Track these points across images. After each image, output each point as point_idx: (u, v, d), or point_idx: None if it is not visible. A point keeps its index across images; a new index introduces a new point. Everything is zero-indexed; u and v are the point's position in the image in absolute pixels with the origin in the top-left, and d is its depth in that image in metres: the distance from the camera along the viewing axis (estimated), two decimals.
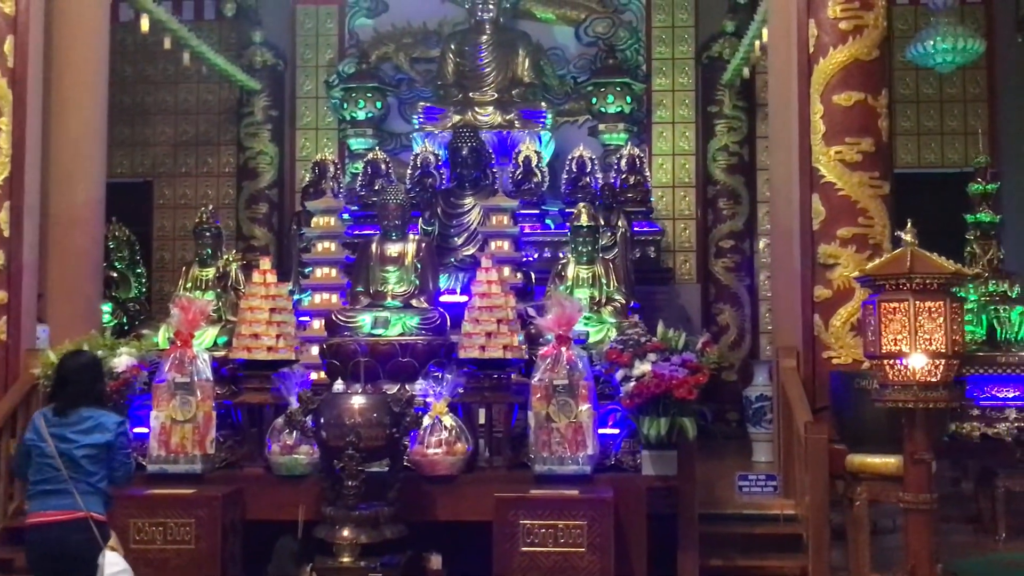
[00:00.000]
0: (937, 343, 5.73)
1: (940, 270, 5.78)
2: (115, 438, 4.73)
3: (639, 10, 12.65)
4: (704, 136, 12.20)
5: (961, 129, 12.20)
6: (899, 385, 5.32)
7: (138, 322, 10.36)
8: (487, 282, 6.79)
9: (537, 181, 10.61)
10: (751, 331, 11.89)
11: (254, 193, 12.48)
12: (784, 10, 7.69)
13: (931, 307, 5.69)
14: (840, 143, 7.11)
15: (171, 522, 6.04)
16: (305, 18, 12.95)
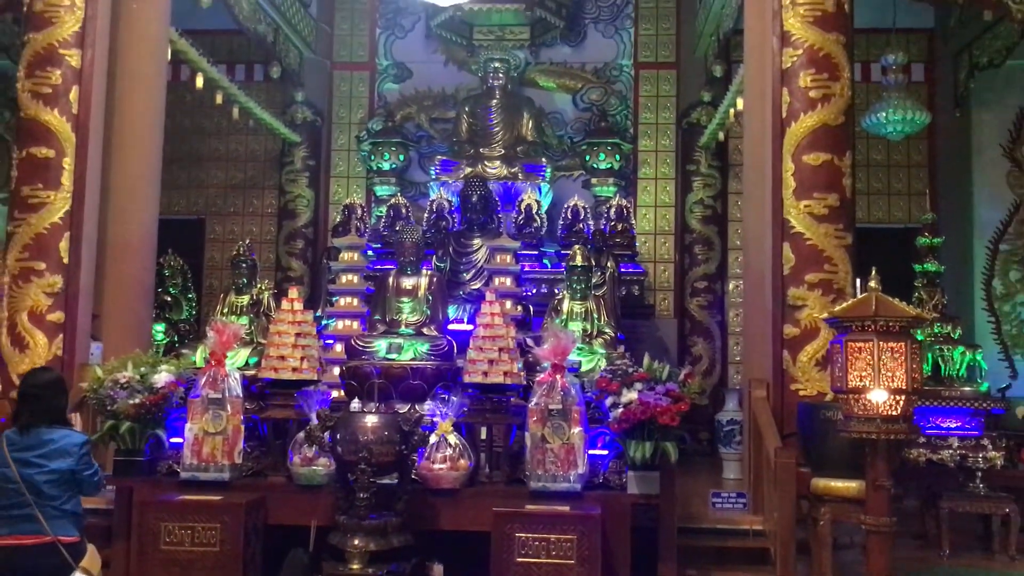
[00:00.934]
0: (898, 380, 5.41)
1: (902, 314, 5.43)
2: (77, 463, 4.20)
3: (628, 81, 12.46)
4: (683, 191, 11.98)
5: (905, 190, 11.95)
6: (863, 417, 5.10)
7: (187, 341, 10.11)
8: (491, 314, 6.46)
9: (537, 226, 10.40)
10: (721, 361, 11.59)
11: (292, 231, 12.22)
12: (759, 80, 7.36)
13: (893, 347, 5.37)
14: (809, 198, 6.80)
15: (199, 526, 5.59)
16: (340, 82, 12.76)
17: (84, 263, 7.32)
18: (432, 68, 12.56)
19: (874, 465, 4.96)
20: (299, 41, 11.91)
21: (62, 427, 4.29)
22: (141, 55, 8.03)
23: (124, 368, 6.26)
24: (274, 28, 11.10)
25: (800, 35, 6.87)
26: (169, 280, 10.88)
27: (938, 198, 11.37)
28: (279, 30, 11.25)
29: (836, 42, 6.87)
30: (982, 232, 11.09)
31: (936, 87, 11.65)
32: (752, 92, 7.62)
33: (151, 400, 6.11)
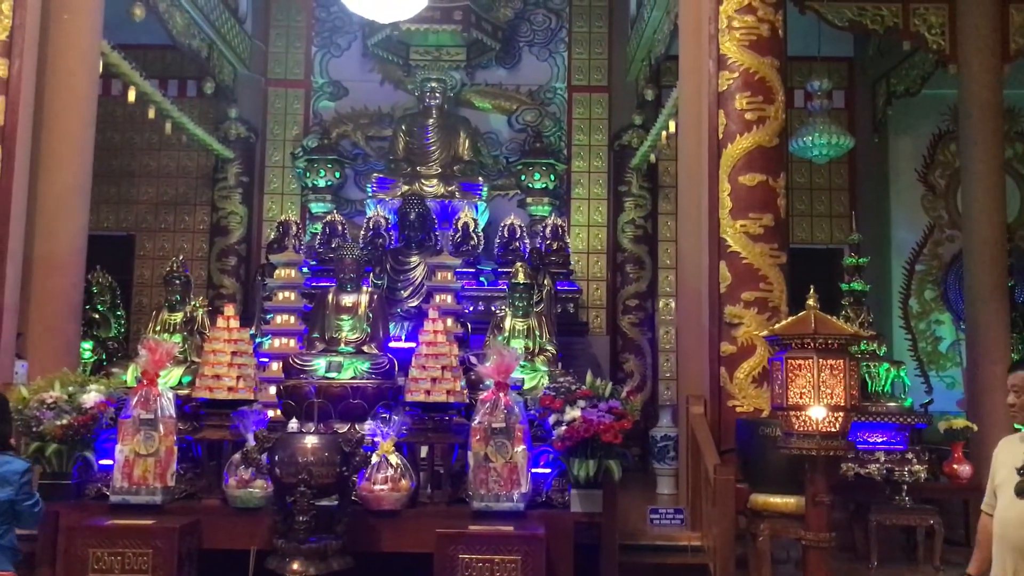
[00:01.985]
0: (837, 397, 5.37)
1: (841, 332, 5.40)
2: (17, 492, 3.88)
3: (562, 104, 12.43)
4: (615, 211, 11.95)
5: (827, 212, 12.13)
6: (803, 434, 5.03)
7: (116, 359, 9.69)
8: (433, 332, 6.28)
9: (474, 244, 10.26)
10: (652, 378, 11.55)
11: (225, 248, 11.84)
12: (695, 102, 7.34)
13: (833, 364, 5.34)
14: (745, 218, 6.77)
15: (130, 552, 5.28)
16: (275, 98, 12.45)
17: (9, 279, 6.91)
18: (368, 87, 12.34)
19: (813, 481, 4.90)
20: (233, 57, 11.58)
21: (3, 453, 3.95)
22: (71, 67, 7.65)
23: (51, 388, 5.94)
24: (208, 44, 10.77)
25: (736, 58, 6.87)
26: (97, 297, 10.41)
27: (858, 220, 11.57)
28: (213, 46, 10.91)
29: (771, 66, 6.89)
30: (899, 253, 11.32)
31: (856, 113, 11.87)
32: (687, 114, 7.59)
33: (79, 421, 5.80)
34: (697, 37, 7.26)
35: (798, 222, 11.97)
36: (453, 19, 11.48)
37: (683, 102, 7.80)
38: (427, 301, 8.16)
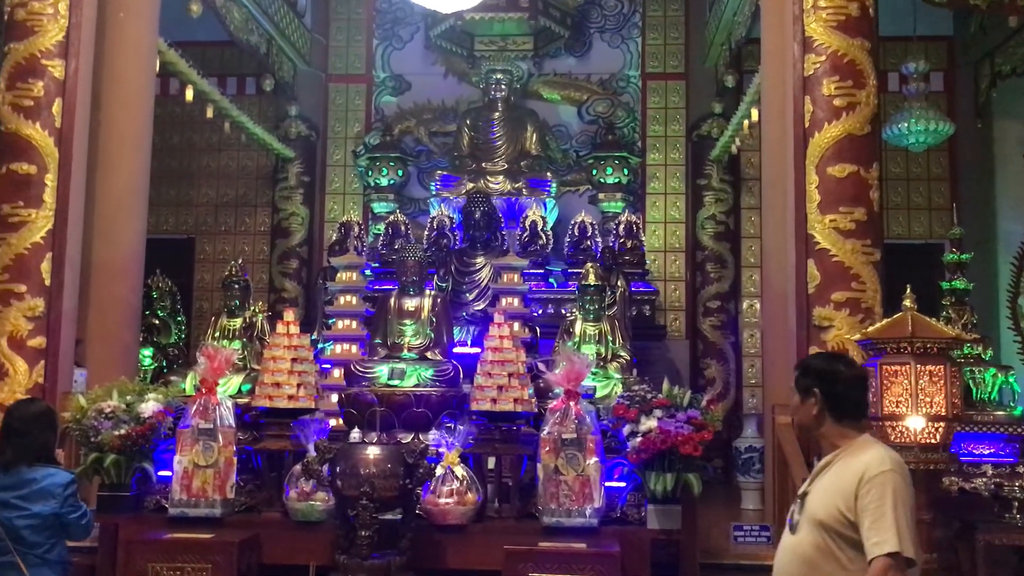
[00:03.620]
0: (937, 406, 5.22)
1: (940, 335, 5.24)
2: (61, 506, 3.92)
3: (636, 93, 12.33)
4: (693, 206, 11.81)
5: (926, 204, 11.79)
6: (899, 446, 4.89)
7: (176, 366, 9.94)
8: (499, 337, 6.27)
9: (542, 243, 10.25)
10: (736, 385, 11.35)
11: (286, 250, 12.02)
12: (779, 88, 7.19)
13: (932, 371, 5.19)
14: (835, 212, 6.60)
15: (189, 566, 5.34)
16: (336, 95, 12.61)
17: (67, 285, 7.08)
18: (431, 80, 12.41)
19: None
20: (293, 53, 11.76)
21: (46, 466, 4.04)
22: (128, 66, 7.84)
23: (109, 397, 6.07)
24: (267, 39, 10.95)
25: (823, 40, 6.70)
26: (157, 302, 10.65)
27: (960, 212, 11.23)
28: (272, 41, 11.10)
29: (861, 48, 6.70)
30: (1006, 247, 10.87)
31: (956, 97, 11.51)
32: (771, 101, 7.45)
33: (137, 431, 5.90)
34: (780, 18, 7.11)
35: (893, 216, 11.66)
36: (519, 6, 11.48)
37: (766, 88, 7.65)
38: (493, 304, 8.14)
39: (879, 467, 2.80)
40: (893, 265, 8.31)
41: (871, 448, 2.89)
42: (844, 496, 2.82)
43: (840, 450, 2.93)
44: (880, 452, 2.87)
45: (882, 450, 2.89)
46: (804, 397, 3.01)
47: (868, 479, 2.79)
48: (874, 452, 2.87)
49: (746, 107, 9.75)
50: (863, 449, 2.89)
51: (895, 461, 2.86)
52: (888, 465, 2.81)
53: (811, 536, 2.87)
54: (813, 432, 3.05)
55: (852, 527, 2.80)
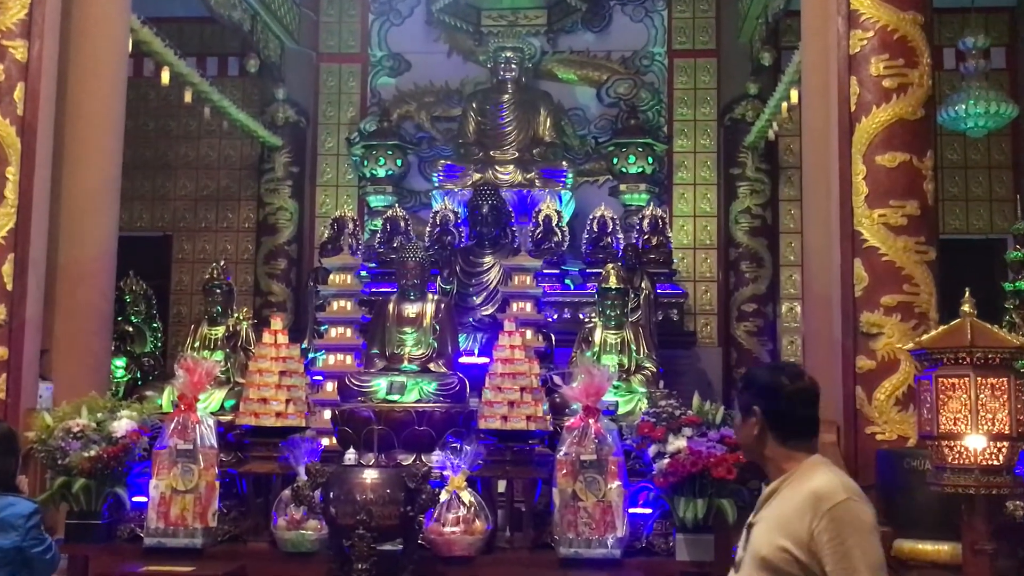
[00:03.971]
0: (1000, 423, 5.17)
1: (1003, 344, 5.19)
2: (24, 538, 3.90)
3: (661, 72, 12.34)
4: (726, 198, 11.84)
5: (986, 196, 11.77)
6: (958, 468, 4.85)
7: (152, 378, 9.97)
8: (510, 347, 6.26)
9: (557, 240, 10.28)
10: None
11: (273, 249, 12.10)
12: (821, 68, 7.16)
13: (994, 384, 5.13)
14: (884, 206, 6.56)
15: None
16: (328, 76, 12.67)
17: (31, 290, 7.08)
18: (433, 60, 12.45)
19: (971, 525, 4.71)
20: (280, 30, 11.79)
21: (6, 494, 4.05)
22: (97, 47, 7.86)
23: (78, 414, 6.08)
24: (251, 15, 10.98)
25: (871, 14, 6.67)
26: (131, 307, 10.67)
27: None
28: (257, 17, 11.13)
29: (913, 22, 6.67)
30: None
31: (1020, 75, 11.51)
32: (812, 81, 7.43)
33: (110, 452, 5.90)
34: None
35: (950, 208, 11.64)
36: None
37: (807, 67, 7.63)
38: (503, 309, 8.13)
39: (832, 497, 2.63)
40: (949, 264, 8.27)
41: (820, 473, 2.74)
42: (790, 531, 2.67)
43: (787, 475, 2.83)
44: (830, 478, 2.73)
45: (832, 475, 2.75)
46: (744, 416, 2.92)
47: (822, 513, 2.64)
48: (823, 478, 2.72)
49: (785, 88, 9.73)
50: (811, 474, 2.75)
51: (849, 488, 2.72)
52: (842, 494, 2.67)
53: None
54: (757, 455, 2.94)
55: (800, 566, 2.65)
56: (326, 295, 8.17)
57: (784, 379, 2.81)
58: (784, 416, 2.79)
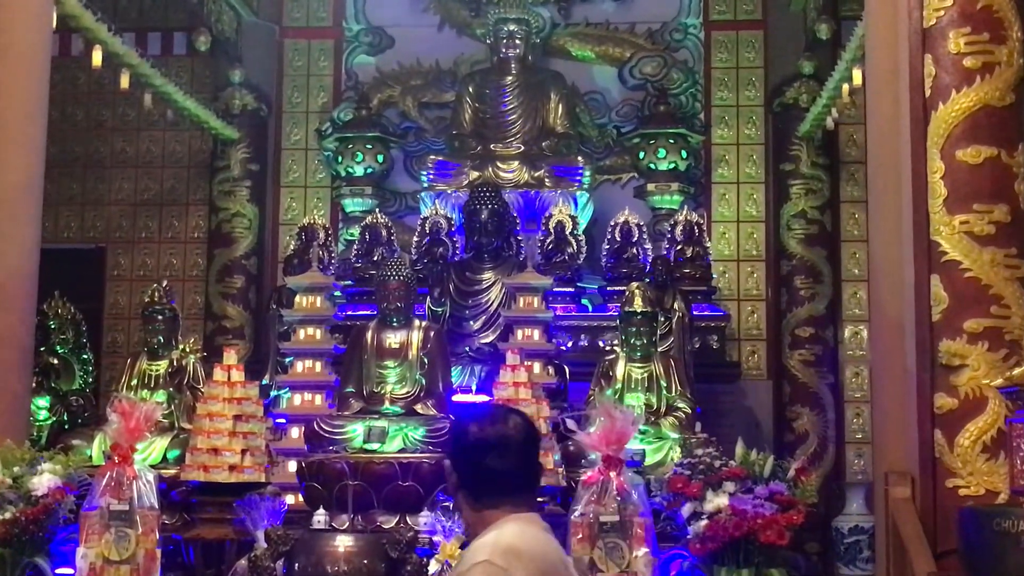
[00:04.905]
0: None
1: None
2: None
3: (696, 48, 12.35)
4: (776, 199, 11.83)
5: None
6: None
7: (81, 422, 9.94)
8: (513, 383, 6.37)
9: (572, 252, 10.31)
10: (836, 441, 11.30)
11: (228, 263, 12.07)
12: (888, 44, 7.18)
13: None
14: (967, 211, 6.54)
15: None
16: (294, 55, 12.71)
17: None
18: (422, 34, 12.49)
19: None
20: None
21: None
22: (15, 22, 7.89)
23: None
24: None
25: None
26: (56, 335, 10.64)
27: None
28: None
29: None
30: None
31: None
32: (878, 60, 7.45)
33: (28, 514, 5.92)
34: None
35: None
36: None
37: (872, 43, 7.65)
38: (505, 337, 8.16)
39: (469, 558, 2.62)
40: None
41: (492, 530, 2.69)
42: None
43: None
44: (495, 536, 2.70)
45: (499, 533, 2.71)
46: (448, 474, 2.94)
47: None
48: (488, 536, 2.68)
49: (846, 67, 9.74)
50: (485, 532, 2.78)
51: (502, 550, 2.68)
52: (481, 555, 2.67)
53: None
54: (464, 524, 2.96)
55: None
56: (291, 321, 8.21)
57: (473, 426, 2.79)
58: (471, 471, 2.76)
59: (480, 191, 10.11)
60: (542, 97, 11.63)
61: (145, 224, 12.66)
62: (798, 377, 11.39)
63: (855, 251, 11.59)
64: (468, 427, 2.78)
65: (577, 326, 9.94)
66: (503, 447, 2.75)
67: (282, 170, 12.56)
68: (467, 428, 2.78)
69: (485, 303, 9.58)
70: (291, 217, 12.25)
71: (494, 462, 2.73)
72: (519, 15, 11.75)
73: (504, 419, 2.80)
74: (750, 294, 11.95)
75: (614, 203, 11.28)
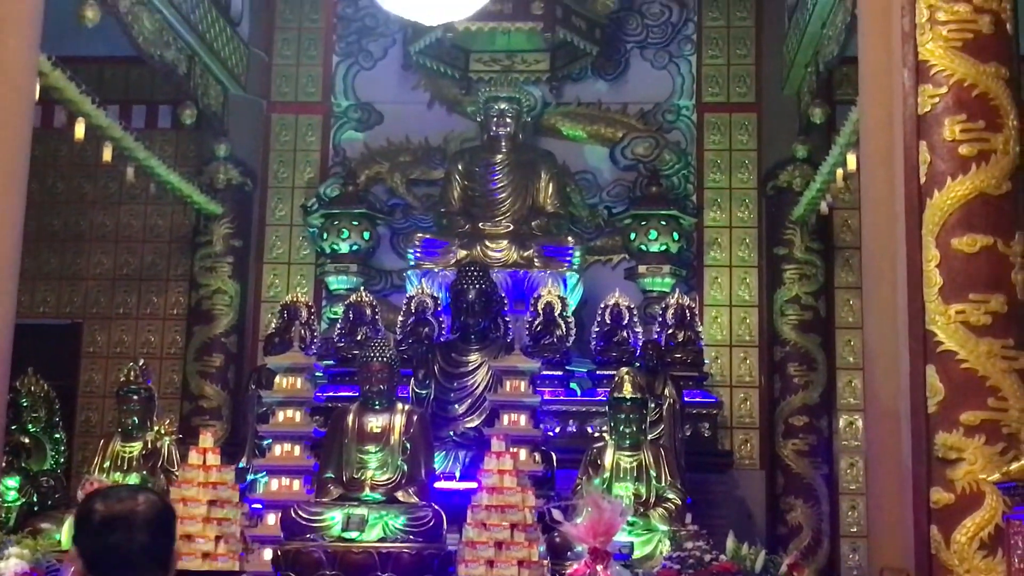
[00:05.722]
0: None
1: None
2: None
3: (689, 129, 12.47)
4: (769, 284, 11.88)
5: None
6: None
7: (51, 503, 9.78)
8: (498, 471, 6.30)
9: (560, 334, 10.29)
10: (830, 535, 11.26)
11: (207, 341, 12.01)
12: (883, 130, 7.24)
13: None
14: (963, 300, 6.55)
15: None
16: (281, 129, 12.80)
17: None
18: (411, 111, 12.60)
19: None
20: (224, 73, 11.92)
21: None
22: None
23: None
24: (188, 55, 11.10)
25: (943, 66, 6.75)
26: (28, 414, 10.50)
27: None
28: (195, 58, 11.25)
29: (995, 76, 6.74)
30: None
31: None
32: (873, 145, 7.50)
33: None
34: (885, 34, 7.20)
35: None
36: (531, 14, 11.70)
37: (867, 128, 7.71)
38: (491, 423, 8.10)
39: None
40: None
41: None
42: None
43: None
44: None
45: None
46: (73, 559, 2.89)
47: None
48: None
49: (840, 151, 9.79)
50: None
51: None
52: None
53: None
54: None
55: None
56: (270, 402, 8.14)
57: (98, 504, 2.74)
58: (83, 550, 2.67)
59: (468, 270, 10.13)
60: (532, 176, 11.71)
61: (123, 300, 12.63)
62: (792, 467, 11.37)
63: (850, 338, 11.60)
64: (93, 506, 2.72)
65: (565, 411, 9.91)
66: (98, 521, 2.65)
67: (266, 246, 12.58)
68: (92, 507, 2.72)
69: (471, 386, 9.54)
70: (273, 294, 12.25)
71: (95, 539, 2.64)
72: (510, 94, 11.87)
73: (129, 499, 2.70)
74: (743, 381, 11.94)
75: (604, 285, 11.32)
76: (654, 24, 12.64)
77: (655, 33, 12.62)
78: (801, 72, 11.45)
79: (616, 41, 12.53)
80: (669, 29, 12.62)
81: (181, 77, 11.10)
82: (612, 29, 12.46)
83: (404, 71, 12.70)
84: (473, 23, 11.20)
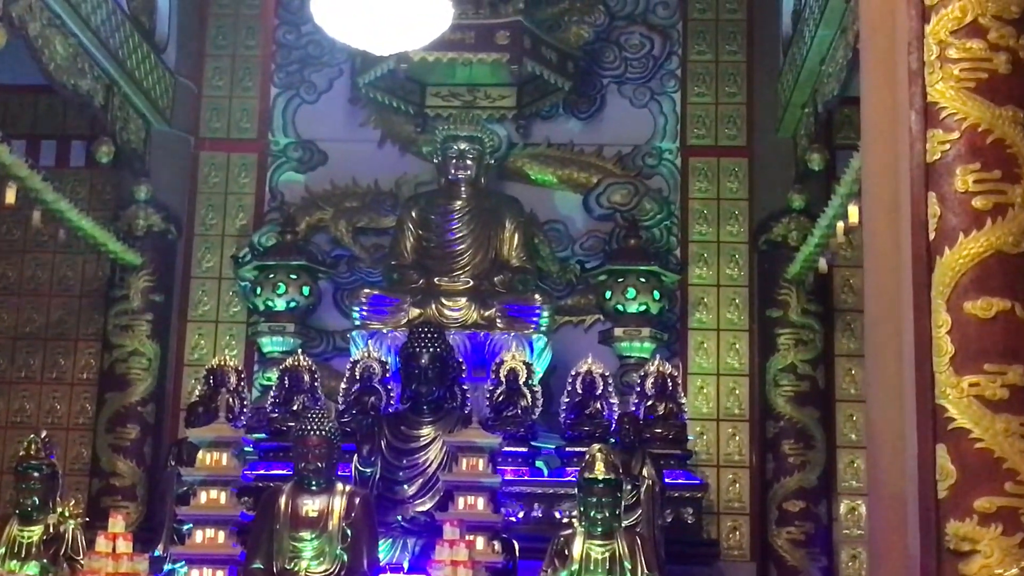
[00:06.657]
0: None
1: None
2: None
3: (672, 175, 12.57)
4: (762, 351, 11.93)
5: None
6: None
7: None
8: (451, 562, 6.24)
9: (526, 406, 10.25)
10: None
11: (121, 410, 11.94)
12: (888, 179, 7.28)
13: None
14: (977, 372, 6.56)
15: None
16: (211, 170, 12.84)
17: None
18: (359, 151, 12.66)
19: None
20: (146, 106, 11.92)
21: None
22: None
23: None
24: (106, 84, 11.10)
25: (955, 109, 6.82)
26: None
27: None
28: (114, 88, 11.25)
29: (1012, 120, 6.79)
30: None
31: None
32: (877, 196, 7.54)
33: None
34: (890, 73, 7.27)
35: None
36: (496, 44, 11.77)
37: (869, 176, 7.76)
38: (444, 506, 8.08)
39: None
40: None
41: None
42: None
43: None
44: None
45: None
46: None
47: None
48: None
49: (840, 202, 9.87)
50: None
51: None
52: None
53: None
54: None
55: None
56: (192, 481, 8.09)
57: None
58: None
59: (420, 331, 10.13)
60: (495, 225, 11.77)
61: (25, 362, 12.60)
62: (786, 559, 11.37)
63: (852, 413, 11.66)
64: None
65: (530, 493, 9.87)
66: None
67: (190, 302, 12.57)
68: None
69: (422, 464, 9.54)
70: (198, 357, 12.23)
71: None
72: (471, 132, 11.93)
73: None
74: (731, 460, 11.97)
75: (576, 350, 11.30)
76: (633, 57, 12.77)
77: (635, 67, 12.76)
78: (797, 113, 11.57)
79: (591, 75, 12.67)
80: (650, 63, 12.76)
81: (97, 109, 11.09)
82: (586, 62, 12.60)
83: (351, 105, 12.78)
84: (430, 53, 11.26)
